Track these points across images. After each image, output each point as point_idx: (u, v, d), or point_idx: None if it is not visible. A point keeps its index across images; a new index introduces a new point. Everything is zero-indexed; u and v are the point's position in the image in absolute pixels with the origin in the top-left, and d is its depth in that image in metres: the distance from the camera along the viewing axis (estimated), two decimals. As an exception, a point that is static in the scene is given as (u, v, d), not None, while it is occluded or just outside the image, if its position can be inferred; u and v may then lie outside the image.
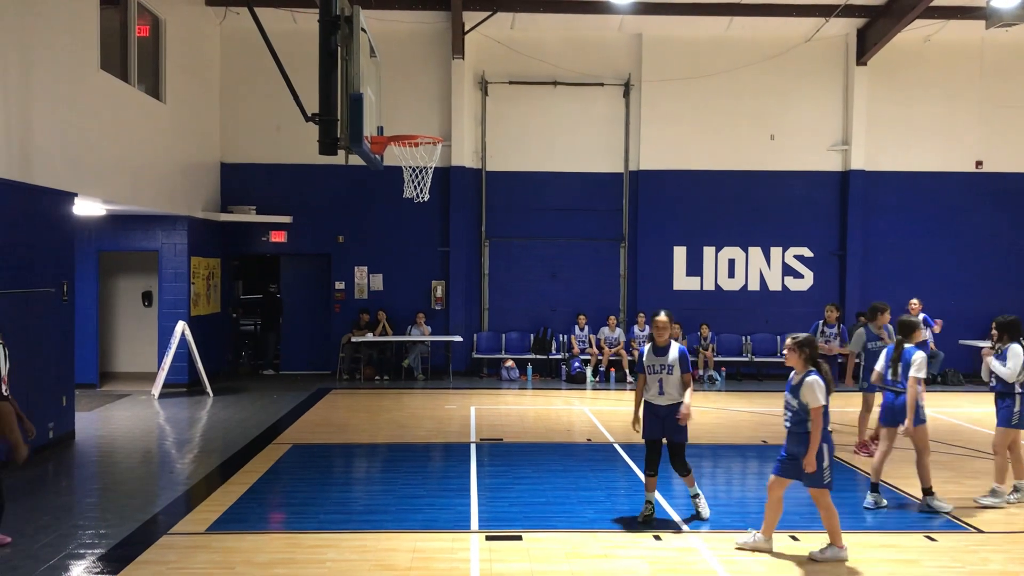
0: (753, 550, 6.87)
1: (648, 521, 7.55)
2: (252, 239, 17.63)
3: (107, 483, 9.30)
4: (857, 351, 12.19)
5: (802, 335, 6.94)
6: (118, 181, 12.71)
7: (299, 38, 13.91)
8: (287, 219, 17.40)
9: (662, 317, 7.63)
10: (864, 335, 11.59)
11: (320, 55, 8.59)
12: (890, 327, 11.25)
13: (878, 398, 9.22)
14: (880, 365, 8.60)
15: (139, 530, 7.39)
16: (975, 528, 7.56)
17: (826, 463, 6.72)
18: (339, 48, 8.56)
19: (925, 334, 17.23)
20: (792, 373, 6.87)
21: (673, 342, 7.67)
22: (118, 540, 7.11)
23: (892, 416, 8.39)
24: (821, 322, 13.44)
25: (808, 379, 6.69)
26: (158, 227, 15.35)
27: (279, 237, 17.62)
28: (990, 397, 14.61)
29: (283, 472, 9.60)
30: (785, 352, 6.94)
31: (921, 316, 15.17)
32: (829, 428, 6.87)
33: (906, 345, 8.31)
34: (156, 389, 14.60)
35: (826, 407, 6.71)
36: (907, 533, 7.39)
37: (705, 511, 7.77)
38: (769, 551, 6.86)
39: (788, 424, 6.85)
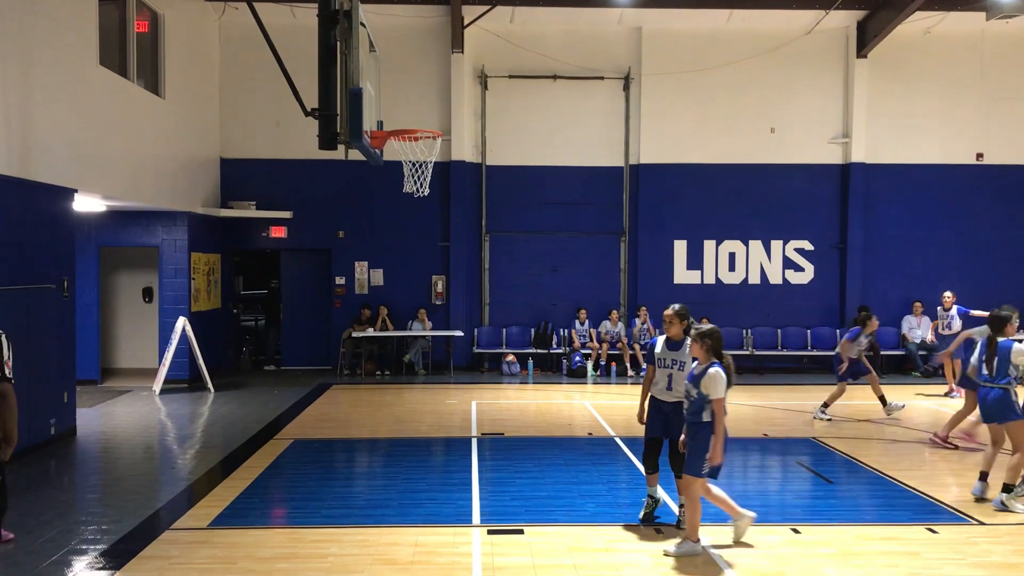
0: (687, 556, 6.63)
1: (649, 519, 7.51)
2: (252, 235, 17.63)
3: (109, 479, 9.31)
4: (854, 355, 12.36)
5: (706, 327, 6.90)
6: (118, 177, 12.70)
7: (298, 33, 13.88)
8: (287, 214, 17.40)
9: (668, 311, 7.56)
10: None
11: (319, 50, 8.57)
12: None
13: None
14: (975, 359, 8.58)
15: (141, 526, 7.40)
16: (976, 520, 7.56)
17: (708, 454, 6.67)
18: (338, 43, 8.54)
19: (920, 325, 17.30)
20: (695, 363, 6.85)
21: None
22: (120, 535, 7.11)
23: (987, 412, 8.24)
24: (939, 307, 15.45)
25: (710, 370, 6.65)
26: (158, 223, 15.35)
27: (279, 232, 17.61)
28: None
29: (285, 467, 9.61)
30: (689, 342, 6.95)
31: (955, 308, 15.23)
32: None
33: (999, 339, 8.27)
34: (157, 385, 14.61)
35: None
36: (908, 525, 7.39)
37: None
38: (699, 554, 6.68)
39: (686, 414, 6.81)
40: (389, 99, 13.43)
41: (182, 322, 14.66)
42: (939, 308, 15.59)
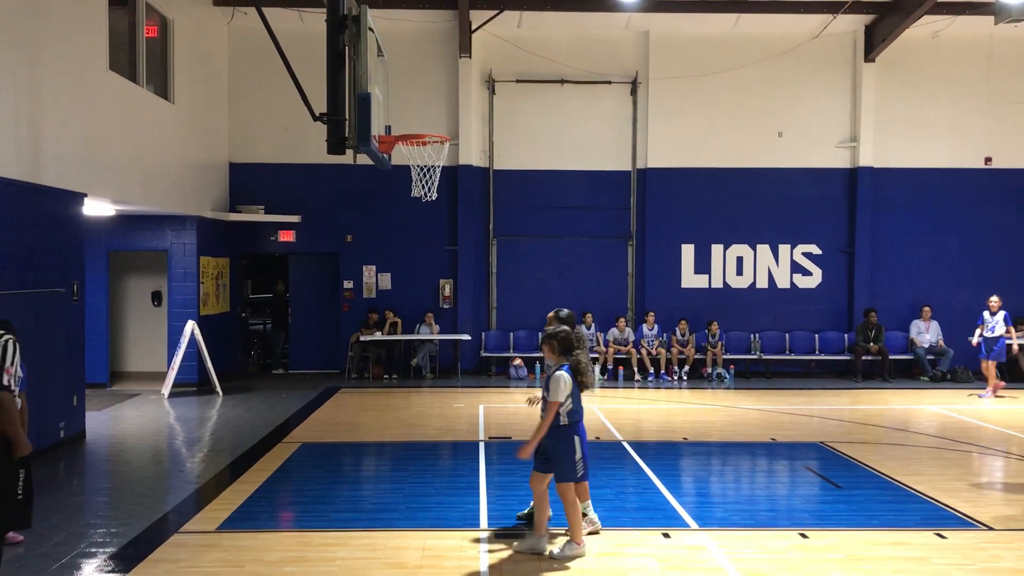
0: (530, 551, 6.69)
1: (526, 517, 7.36)
2: (261, 238, 17.68)
3: (118, 482, 9.35)
4: None
5: (552, 328, 6.86)
6: (127, 181, 12.76)
7: (307, 38, 13.92)
8: (296, 219, 17.45)
9: (551, 314, 7.63)
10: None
11: (328, 55, 8.63)
12: None
13: None
14: None
15: (150, 529, 7.43)
16: (985, 525, 7.54)
17: (578, 455, 6.68)
18: (346, 48, 8.60)
19: (928, 329, 17.24)
20: (546, 363, 6.83)
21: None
22: (129, 539, 7.14)
23: None
24: (985, 311, 15.24)
25: (556, 373, 6.62)
26: (167, 227, 15.41)
27: (288, 236, 17.66)
28: (1000, 394, 14.64)
29: (293, 471, 9.63)
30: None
31: (1002, 314, 15.13)
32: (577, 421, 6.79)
33: None
34: (166, 388, 14.66)
35: (576, 402, 6.69)
36: (917, 531, 7.36)
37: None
38: (543, 551, 6.70)
39: (542, 415, 6.75)
40: (397, 104, 13.46)
41: (191, 326, 14.71)
42: (985, 312, 15.43)
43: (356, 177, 16.74)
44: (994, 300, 14.91)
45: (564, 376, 6.62)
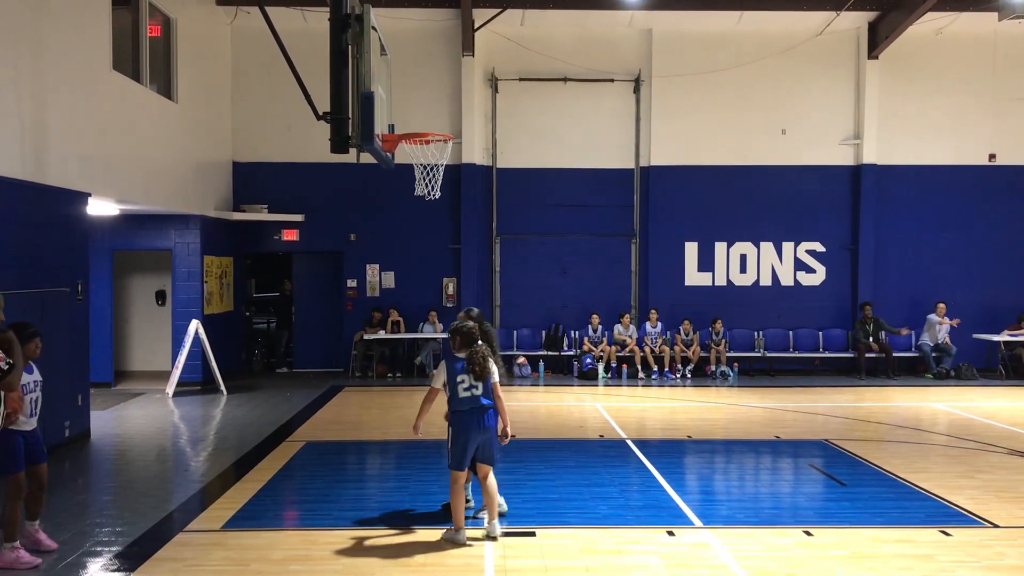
0: (450, 543, 6.94)
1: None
2: (264, 237, 17.70)
3: (123, 481, 9.36)
4: None
5: (458, 323, 7.31)
6: (131, 181, 12.78)
7: (310, 37, 13.92)
8: (299, 217, 17.47)
9: (462, 313, 7.98)
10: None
11: (331, 54, 8.62)
12: None
13: None
14: None
15: (155, 527, 7.44)
16: (990, 522, 7.53)
17: (449, 445, 7.17)
18: (349, 46, 8.59)
19: (941, 329, 17.23)
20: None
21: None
22: (134, 537, 7.16)
23: None
24: None
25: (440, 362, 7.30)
26: (171, 226, 15.44)
27: (291, 235, 17.68)
28: (1004, 392, 14.68)
29: (297, 469, 9.64)
30: None
31: (946, 324, 15.01)
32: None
33: None
34: (170, 387, 14.68)
35: (453, 391, 7.09)
36: (922, 528, 7.36)
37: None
38: (462, 542, 6.92)
39: None
40: (400, 102, 13.45)
41: (195, 325, 14.73)
42: (932, 316, 15.29)
43: (359, 176, 16.77)
44: (941, 308, 14.05)
45: (442, 365, 7.22)
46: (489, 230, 17.96)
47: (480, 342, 7.18)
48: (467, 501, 7.69)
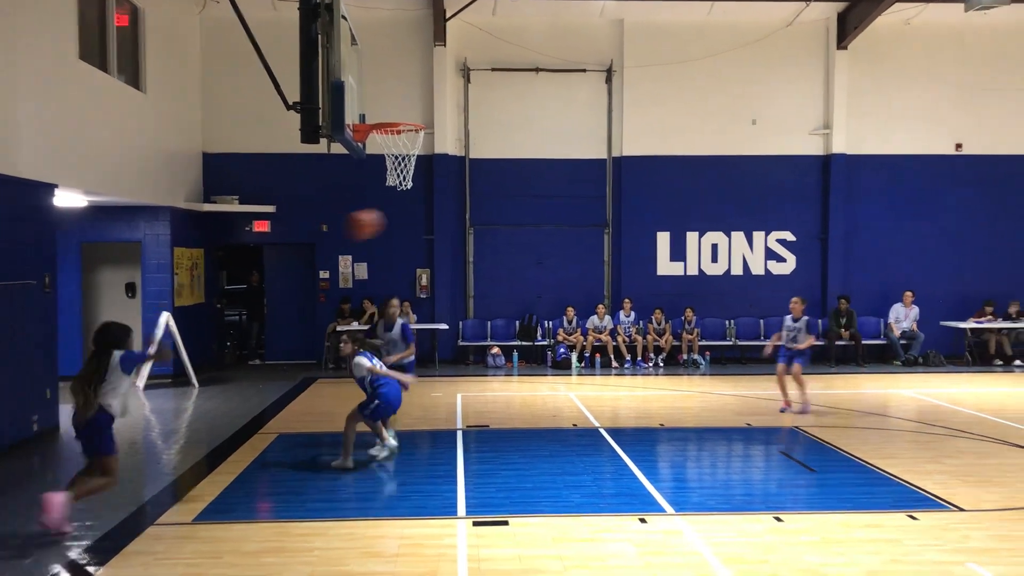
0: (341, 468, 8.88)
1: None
2: (235, 229, 17.56)
3: (93, 475, 9.26)
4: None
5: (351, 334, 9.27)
6: (99, 172, 12.63)
7: (280, 26, 13.80)
8: (270, 209, 17.34)
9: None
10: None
11: (301, 43, 8.56)
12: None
13: None
14: None
15: (126, 521, 7.39)
16: (956, 506, 7.65)
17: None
18: (319, 36, 8.53)
19: (907, 315, 17.46)
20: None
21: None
22: (105, 531, 7.10)
23: None
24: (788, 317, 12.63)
25: (355, 359, 9.29)
26: (140, 218, 15.28)
27: (262, 227, 17.55)
28: (970, 378, 14.89)
29: (270, 461, 9.60)
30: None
31: (805, 320, 14.70)
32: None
33: None
34: (141, 380, 14.54)
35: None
36: (890, 512, 7.47)
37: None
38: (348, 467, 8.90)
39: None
40: (371, 92, 13.37)
41: (165, 317, 14.59)
42: (787, 317, 15.09)
43: (331, 166, 16.64)
44: (795, 302, 12.54)
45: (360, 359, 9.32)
46: (463, 221, 17.94)
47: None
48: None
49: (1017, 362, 17.05)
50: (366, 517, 7.43)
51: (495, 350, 17.27)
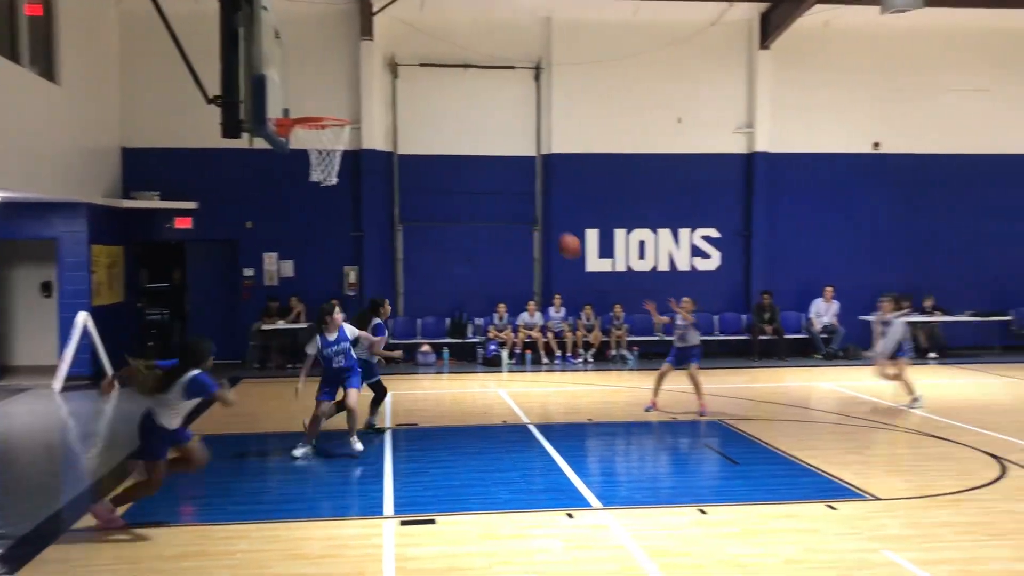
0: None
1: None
2: (156, 226, 17.11)
3: (6, 480, 8.96)
4: None
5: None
6: (10, 167, 12.15)
7: (200, 18, 13.41)
8: (192, 205, 16.93)
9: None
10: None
11: (221, 36, 8.37)
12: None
13: None
14: None
15: (41, 527, 7.15)
16: (872, 495, 7.87)
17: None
18: (240, 28, 8.35)
19: (828, 310, 17.92)
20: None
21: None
22: (17, 538, 6.85)
23: None
24: None
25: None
26: (55, 214, 14.77)
27: (184, 224, 17.13)
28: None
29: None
30: None
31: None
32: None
33: None
34: (58, 382, 14.09)
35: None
36: (809, 503, 7.64)
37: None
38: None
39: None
40: (297, 87, 13.14)
41: (83, 317, 14.17)
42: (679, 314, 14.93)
43: (256, 162, 16.31)
44: (685, 302, 12.17)
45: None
46: (392, 217, 17.80)
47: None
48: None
49: (932, 354, 17.62)
50: (291, 519, 7.31)
51: (425, 348, 17.19)
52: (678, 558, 6.34)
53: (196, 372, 7.13)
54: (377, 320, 10.68)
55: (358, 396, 9.74)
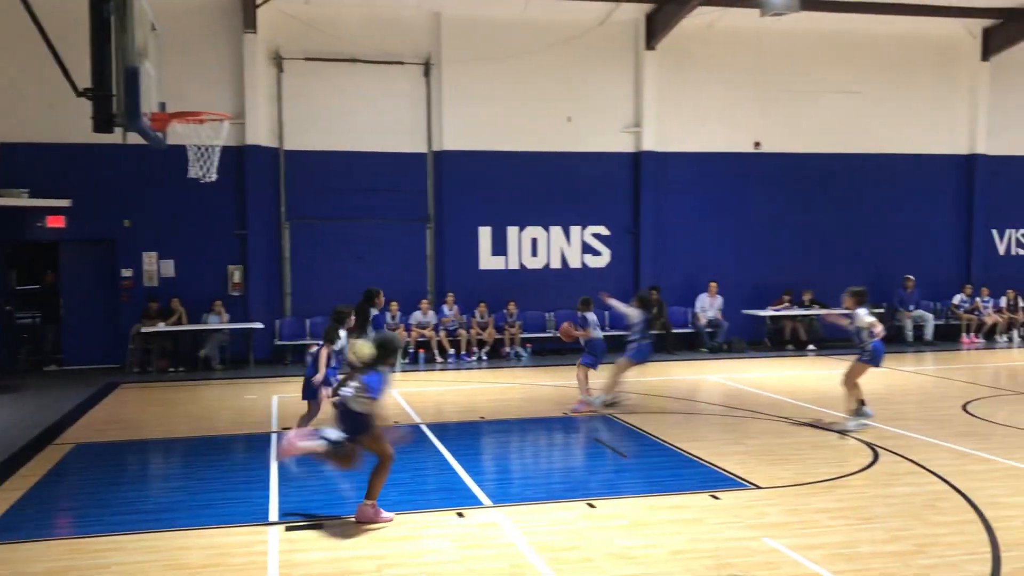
0: None
1: None
2: (26, 224, 16.24)
3: None
4: None
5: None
6: None
7: (69, 7, 12.80)
8: (65, 203, 16.11)
9: None
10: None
11: (91, 26, 8.00)
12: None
13: None
14: None
15: None
16: (754, 484, 8.10)
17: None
18: (112, 17, 7.99)
19: (712, 305, 18.41)
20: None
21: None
22: None
23: None
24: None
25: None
26: (-88, 213, 13.86)
27: (57, 222, 16.30)
28: (770, 362, 15.84)
29: (65, 474, 8.95)
30: None
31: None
32: None
33: None
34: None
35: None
36: (694, 494, 7.81)
37: None
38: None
39: None
40: (177, 81, 12.73)
41: (-56, 322, 13.33)
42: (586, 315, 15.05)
43: (133, 158, 15.62)
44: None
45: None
46: (278, 215, 17.37)
47: None
48: None
49: (811, 347, 18.30)
50: (171, 528, 7.03)
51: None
52: (567, 552, 6.37)
53: (379, 371, 7.22)
54: (374, 311, 11.09)
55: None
